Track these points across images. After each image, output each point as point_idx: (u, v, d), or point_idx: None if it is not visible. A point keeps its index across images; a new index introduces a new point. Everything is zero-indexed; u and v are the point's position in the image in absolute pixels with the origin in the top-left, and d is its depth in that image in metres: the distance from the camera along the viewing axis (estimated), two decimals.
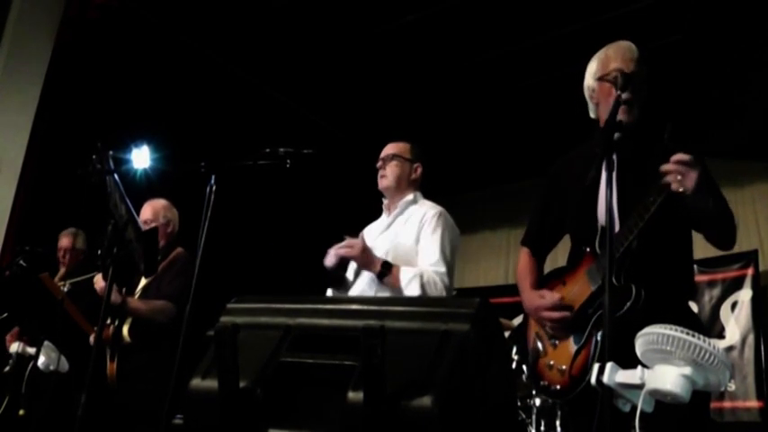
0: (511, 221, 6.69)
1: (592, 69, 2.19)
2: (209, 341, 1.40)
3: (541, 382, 2.09)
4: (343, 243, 2.58)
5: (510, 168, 6.24)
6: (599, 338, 1.90)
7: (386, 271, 2.52)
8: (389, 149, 2.85)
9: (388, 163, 2.81)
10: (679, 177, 1.76)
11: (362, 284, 2.66)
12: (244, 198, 4.74)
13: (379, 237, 2.76)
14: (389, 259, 2.58)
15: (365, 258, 2.55)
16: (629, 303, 1.82)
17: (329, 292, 2.80)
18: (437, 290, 2.50)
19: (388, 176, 2.80)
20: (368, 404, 1.19)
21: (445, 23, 4.73)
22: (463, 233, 2.85)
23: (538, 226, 2.33)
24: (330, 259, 2.65)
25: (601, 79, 2.12)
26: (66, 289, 3.61)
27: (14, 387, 3.53)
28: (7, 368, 3.56)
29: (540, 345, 2.13)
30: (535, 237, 2.34)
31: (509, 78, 5.26)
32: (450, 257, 2.62)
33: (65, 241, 4.10)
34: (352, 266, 2.80)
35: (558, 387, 2.02)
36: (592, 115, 2.23)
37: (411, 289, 2.47)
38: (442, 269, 2.55)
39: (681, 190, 1.77)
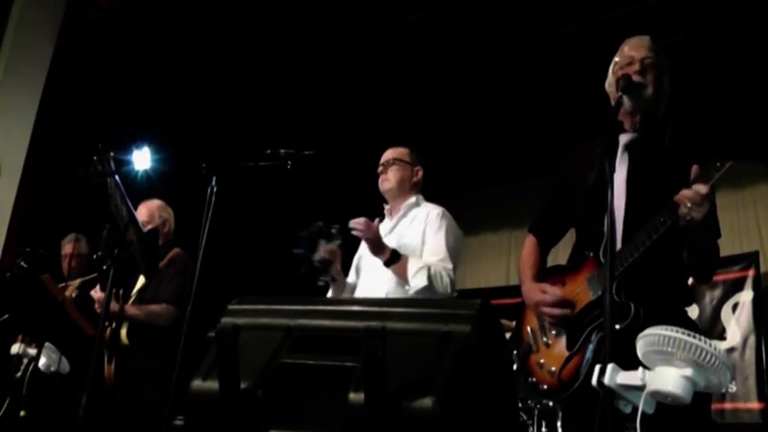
0: (512, 222, 6.67)
1: (610, 68, 2.18)
2: (209, 342, 1.40)
3: (530, 379, 2.09)
4: (359, 220, 2.59)
5: (511, 169, 6.23)
6: (592, 348, 1.90)
7: (394, 259, 2.56)
8: (389, 154, 2.92)
9: (389, 167, 2.88)
10: (689, 206, 1.75)
11: (372, 277, 2.69)
12: (245, 199, 4.74)
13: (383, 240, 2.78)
14: None
15: (377, 243, 2.58)
16: (626, 322, 1.82)
17: (329, 295, 2.81)
18: (443, 283, 2.54)
19: (390, 179, 2.86)
20: (369, 405, 1.19)
21: (446, 24, 4.73)
22: (464, 234, 2.86)
23: (545, 214, 2.30)
24: (320, 254, 2.67)
25: (614, 68, 2.12)
26: (74, 295, 3.62)
27: (15, 388, 3.53)
28: (19, 373, 3.53)
29: (532, 341, 2.13)
30: (542, 224, 2.31)
31: (509, 78, 5.25)
32: (455, 255, 2.67)
33: (68, 248, 4.08)
34: (359, 264, 2.83)
35: (546, 387, 2.02)
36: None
37: (418, 279, 2.52)
38: (449, 265, 2.61)
39: (688, 219, 1.77)
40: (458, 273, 2.71)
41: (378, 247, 2.58)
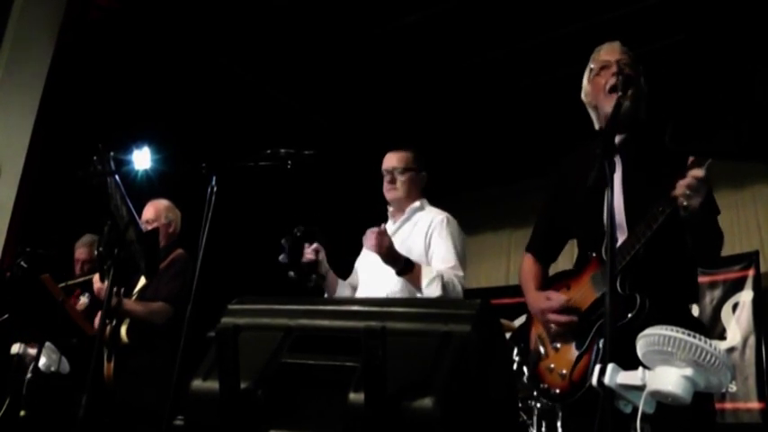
0: (512, 222, 6.67)
1: (584, 77, 2.19)
2: (210, 342, 1.40)
3: (542, 385, 2.08)
4: (371, 234, 2.56)
5: (511, 169, 6.23)
6: (601, 345, 1.89)
7: (408, 268, 2.55)
8: (395, 161, 2.83)
9: (398, 176, 2.81)
10: (689, 193, 1.75)
11: (374, 278, 2.69)
12: (245, 199, 4.74)
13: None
14: None
15: (390, 254, 2.55)
16: (632, 314, 1.82)
17: (343, 293, 2.81)
18: (456, 291, 2.56)
19: (399, 189, 2.80)
20: (369, 405, 1.19)
21: (446, 24, 4.73)
22: (464, 234, 2.86)
23: (544, 231, 2.31)
24: (306, 257, 2.67)
25: (590, 76, 2.13)
26: (87, 300, 3.62)
27: (15, 388, 3.52)
28: (29, 375, 3.52)
29: (541, 347, 2.12)
30: (541, 243, 2.31)
31: (509, 78, 5.26)
32: (464, 261, 2.70)
33: (82, 253, 4.05)
34: (362, 265, 2.82)
35: (558, 391, 2.02)
36: (597, 126, 2.18)
37: (432, 289, 2.51)
38: (461, 272, 2.62)
39: (685, 204, 1.77)
40: None
41: (391, 258, 2.56)
